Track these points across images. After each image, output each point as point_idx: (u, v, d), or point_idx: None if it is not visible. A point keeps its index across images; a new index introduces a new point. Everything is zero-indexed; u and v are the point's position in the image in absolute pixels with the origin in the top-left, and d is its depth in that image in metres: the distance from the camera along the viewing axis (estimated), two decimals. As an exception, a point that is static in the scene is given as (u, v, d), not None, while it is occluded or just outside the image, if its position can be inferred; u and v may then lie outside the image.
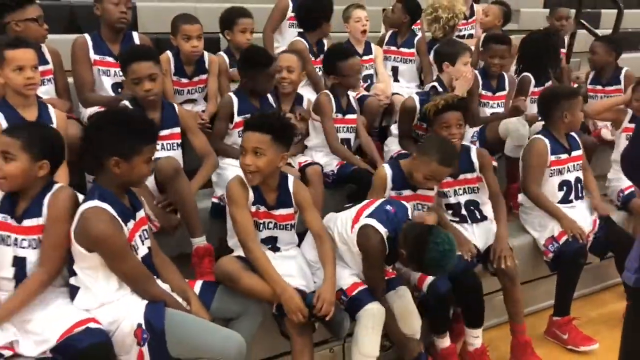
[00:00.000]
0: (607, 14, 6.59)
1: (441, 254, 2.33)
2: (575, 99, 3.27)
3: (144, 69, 2.77)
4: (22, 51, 2.56)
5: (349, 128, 3.49)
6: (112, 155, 2.10)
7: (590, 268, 3.59)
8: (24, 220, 2.15)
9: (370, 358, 2.52)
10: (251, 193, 2.50)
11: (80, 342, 2.03)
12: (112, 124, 2.18)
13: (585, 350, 3.11)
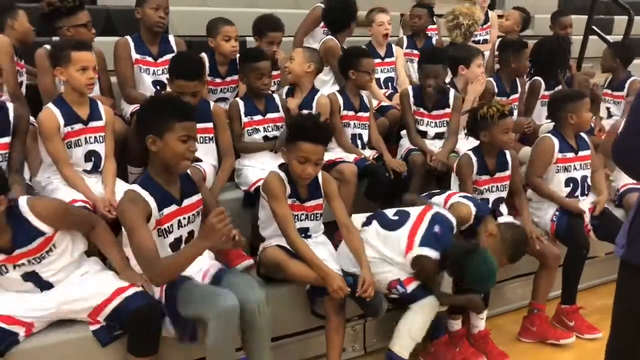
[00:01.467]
0: (619, 20, 6.82)
1: (480, 275, 2.64)
2: (581, 101, 3.52)
3: (190, 87, 3.09)
4: (86, 53, 2.88)
5: (361, 125, 3.76)
6: (149, 133, 2.36)
7: (596, 262, 3.86)
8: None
9: (416, 342, 2.81)
10: (288, 188, 2.78)
11: (131, 304, 2.36)
12: (148, 106, 2.51)
13: (589, 337, 3.37)
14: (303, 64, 3.62)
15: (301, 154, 2.66)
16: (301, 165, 2.68)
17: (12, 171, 2.87)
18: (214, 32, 3.72)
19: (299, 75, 3.64)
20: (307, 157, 2.67)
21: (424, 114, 3.83)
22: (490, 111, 3.22)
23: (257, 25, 4.02)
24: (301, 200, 2.84)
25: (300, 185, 2.81)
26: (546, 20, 5.87)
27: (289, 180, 2.78)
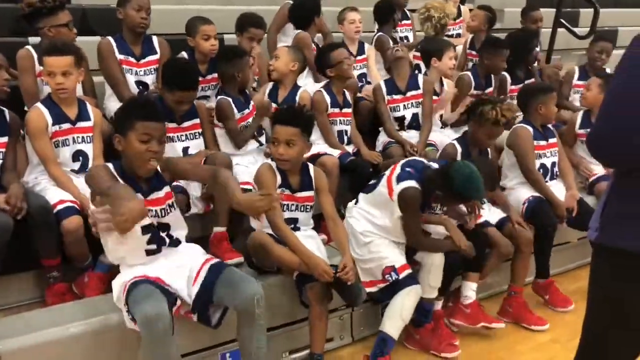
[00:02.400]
0: (585, 13, 7.09)
1: (466, 178, 2.78)
2: (551, 94, 3.76)
3: (189, 97, 3.22)
4: (55, 59, 2.90)
5: (346, 121, 3.90)
6: (115, 132, 2.46)
7: (569, 247, 4.07)
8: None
9: (405, 323, 2.97)
10: (279, 177, 2.90)
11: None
12: (121, 106, 2.61)
13: (562, 310, 3.64)
14: (288, 62, 3.76)
15: (273, 135, 2.84)
16: (274, 147, 2.85)
17: (8, 170, 2.93)
18: (193, 31, 3.79)
19: (284, 74, 3.77)
20: (277, 137, 2.83)
21: (398, 99, 4.02)
22: (489, 113, 3.33)
23: (239, 21, 4.12)
24: (292, 190, 2.95)
25: (292, 175, 2.93)
26: (516, 13, 6.07)
27: (279, 170, 2.91)
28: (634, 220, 1.84)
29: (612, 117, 1.76)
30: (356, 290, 2.87)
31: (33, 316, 2.60)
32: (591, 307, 2.03)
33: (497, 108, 3.32)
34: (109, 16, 4.64)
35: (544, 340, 3.37)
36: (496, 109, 3.32)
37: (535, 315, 3.51)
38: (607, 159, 1.89)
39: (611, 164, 1.95)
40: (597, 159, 1.92)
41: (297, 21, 4.41)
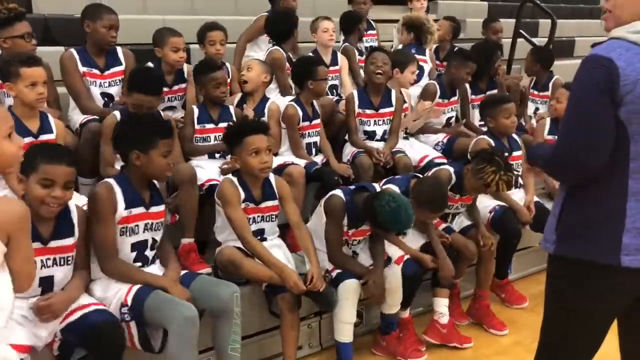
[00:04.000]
0: (544, 23, 7.33)
1: (390, 212, 2.82)
2: (504, 105, 3.87)
3: (147, 102, 3.18)
4: (36, 69, 2.90)
5: (315, 132, 3.96)
6: (133, 149, 2.54)
7: (531, 251, 4.22)
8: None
9: (348, 324, 3.01)
10: (242, 192, 2.94)
11: (90, 319, 2.37)
12: (134, 123, 2.68)
13: (517, 307, 3.87)
14: (261, 74, 3.82)
15: (251, 147, 2.87)
16: (255, 157, 2.88)
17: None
18: (161, 42, 3.81)
19: (257, 85, 3.83)
20: (258, 147, 2.88)
21: (370, 114, 4.08)
22: (487, 177, 3.24)
23: (198, 33, 4.18)
24: (255, 203, 2.99)
25: (253, 187, 2.98)
26: (477, 24, 6.26)
27: (241, 184, 2.95)
28: (587, 229, 1.94)
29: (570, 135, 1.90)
30: (328, 295, 2.93)
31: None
32: (548, 315, 2.13)
33: (497, 176, 3.22)
34: (71, 26, 4.66)
35: (508, 343, 3.50)
36: (496, 176, 3.22)
37: (497, 319, 3.63)
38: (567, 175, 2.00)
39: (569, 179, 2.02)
40: (563, 180, 2.03)
41: (274, 35, 4.44)
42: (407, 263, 3.17)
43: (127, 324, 2.50)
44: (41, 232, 2.40)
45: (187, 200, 3.17)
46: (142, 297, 2.49)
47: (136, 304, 2.49)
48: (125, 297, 2.52)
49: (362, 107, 4.08)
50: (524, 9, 6.34)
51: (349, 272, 3.05)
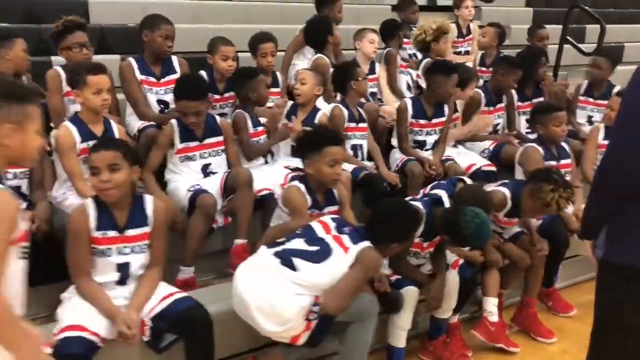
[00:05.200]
0: (591, 29, 7.27)
1: (475, 228, 2.83)
2: (554, 113, 3.89)
3: (192, 107, 3.33)
4: (101, 77, 3.11)
5: (361, 135, 4.05)
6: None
7: (579, 259, 4.20)
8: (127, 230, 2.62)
9: (403, 330, 3.09)
10: (309, 199, 3.06)
11: (178, 306, 2.57)
12: None
13: (564, 316, 3.90)
14: (314, 87, 3.92)
15: (330, 157, 2.97)
16: (332, 168, 2.99)
17: (35, 188, 3.10)
18: (213, 50, 3.98)
19: (310, 99, 3.94)
20: (336, 158, 2.99)
21: (423, 124, 4.15)
22: (546, 195, 3.23)
23: (250, 42, 4.34)
24: (319, 208, 3.10)
25: (318, 192, 3.09)
26: (522, 30, 6.27)
27: (308, 191, 3.05)
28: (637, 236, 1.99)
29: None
30: (396, 295, 3.02)
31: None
32: (596, 320, 2.22)
33: (556, 194, 3.20)
34: (126, 35, 4.91)
35: (555, 351, 3.51)
36: (555, 195, 3.20)
37: (545, 327, 3.65)
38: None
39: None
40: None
41: (312, 43, 4.61)
42: (463, 267, 3.22)
43: None
44: (117, 221, 2.59)
45: (243, 202, 3.29)
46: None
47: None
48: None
49: (416, 117, 4.15)
50: (571, 14, 6.31)
51: (412, 280, 3.08)
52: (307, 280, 2.58)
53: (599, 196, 2.07)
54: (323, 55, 4.51)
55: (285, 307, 2.55)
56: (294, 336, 2.61)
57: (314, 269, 2.61)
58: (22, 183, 3.08)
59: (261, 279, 2.61)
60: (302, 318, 2.56)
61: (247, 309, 2.58)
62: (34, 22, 4.78)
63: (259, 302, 2.56)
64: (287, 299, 2.55)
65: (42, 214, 2.97)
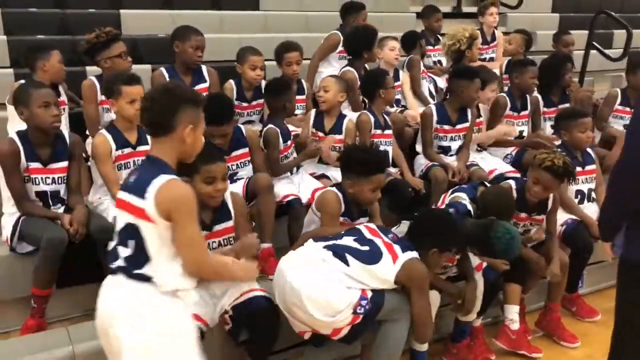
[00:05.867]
0: (619, 34, 7.25)
1: (506, 244, 2.93)
2: (574, 120, 3.95)
3: (220, 131, 3.38)
4: (135, 87, 3.27)
5: (387, 142, 4.15)
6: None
7: (604, 265, 4.23)
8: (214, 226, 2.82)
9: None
10: (343, 207, 3.13)
11: (255, 303, 2.70)
12: None
13: (589, 320, 3.92)
14: (337, 94, 4.01)
15: (376, 185, 3.07)
16: (373, 194, 3.08)
17: (72, 192, 3.27)
18: (242, 60, 4.13)
19: (334, 105, 4.04)
20: (380, 185, 3.09)
21: (448, 129, 4.26)
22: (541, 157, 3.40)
23: (275, 52, 4.46)
24: (352, 219, 3.19)
25: (353, 206, 3.16)
26: (547, 36, 6.31)
27: (344, 200, 3.13)
28: None
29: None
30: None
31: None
32: (617, 320, 2.32)
33: (553, 155, 3.38)
34: (156, 45, 5.10)
35: (579, 356, 3.55)
36: (552, 155, 3.37)
37: (568, 332, 3.70)
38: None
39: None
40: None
41: (351, 49, 4.65)
42: (486, 270, 3.28)
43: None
44: (204, 219, 2.77)
45: (265, 206, 3.40)
46: None
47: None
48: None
49: (441, 122, 4.25)
50: (597, 20, 6.33)
51: (442, 291, 3.14)
52: (357, 279, 2.69)
53: (617, 197, 2.15)
54: (352, 69, 4.57)
55: (337, 299, 2.63)
56: (337, 329, 2.68)
57: (365, 269, 2.69)
58: (60, 188, 3.26)
59: (309, 270, 2.69)
60: (350, 311, 2.66)
61: (299, 298, 2.63)
62: (68, 34, 5.01)
63: (309, 292, 2.63)
64: (339, 292, 2.64)
65: (80, 218, 3.14)
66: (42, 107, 3.07)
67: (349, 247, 2.76)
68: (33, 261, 3.06)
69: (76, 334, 2.74)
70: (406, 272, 2.72)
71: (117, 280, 2.15)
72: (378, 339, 2.84)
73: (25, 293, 3.10)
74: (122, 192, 2.15)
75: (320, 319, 2.64)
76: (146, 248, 2.09)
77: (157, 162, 2.13)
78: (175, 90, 2.21)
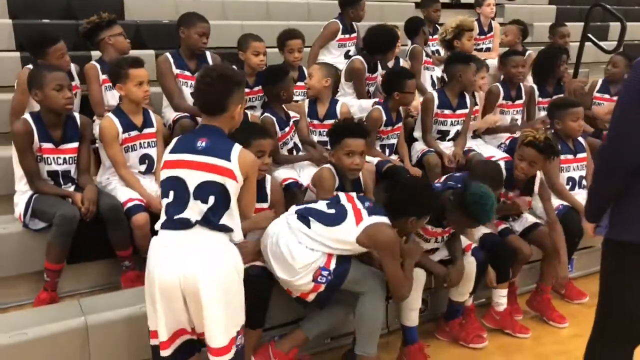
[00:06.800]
0: (615, 27, 7.38)
1: (480, 198, 3.04)
2: (566, 109, 4.11)
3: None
4: (142, 70, 3.41)
5: (395, 135, 4.34)
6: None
7: (593, 250, 4.42)
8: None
9: (414, 310, 3.32)
10: (337, 181, 3.34)
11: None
12: None
13: (578, 302, 4.10)
14: (321, 79, 4.15)
15: (347, 149, 3.26)
16: (349, 158, 3.27)
17: (82, 172, 3.43)
18: (244, 46, 4.27)
19: (319, 91, 4.18)
20: (353, 150, 3.26)
21: (448, 114, 4.44)
22: (523, 135, 3.67)
23: (278, 38, 4.61)
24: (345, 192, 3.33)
25: (346, 180, 3.37)
26: (544, 27, 6.46)
27: (338, 174, 3.34)
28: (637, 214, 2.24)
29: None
30: None
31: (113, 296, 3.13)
32: (600, 298, 2.52)
33: (533, 132, 3.61)
34: (159, 31, 5.23)
35: (567, 335, 3.74)
36: (532, 133, 3.60)
37: (557, 313, 3.88)
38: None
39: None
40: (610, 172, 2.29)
41: (371, 47, 4.71)
42: (475, 250, 3.46)
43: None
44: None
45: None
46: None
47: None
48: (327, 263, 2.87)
49: (442, 107, 4.43)
50: (593, 12, 6.47)
51: (425, 269, 3.27)
52: (318, 240, 2.86)
53: (603, 180, 2.31)
54: (360, 57, 4.68)
55: (297, 259, 2.83)
56: (304, 293, 2.91)
57: (325, 230, 2.87)
58: (71, 168, 3.41)
59: (280, 230, 2.92)
60: (310, 276, 2.85)
61: (267, 257, 2.92)
62: (73, 18, 5.13)
63: (274, 249, 2.88)
64: (299, 251, 2.84)
65: (91, 196, 3.29)
66: (55, 90, 3.21)
67: (315, 210, 2.97)
68: (45, 237, 3.21)
69: (88, 306, 2.91)
70: (370, 235, 2.84)
71: (194, 235, 2.42)
72: (357, 317, 3.02)
73: (37, 268, 3.27)
74: (192, 154, 2.44)
75: (282, 277, 2.88)
76: (228, 202, 2.45)
77: (221, 132, 2.51)
78: (228, 74, 2.51)
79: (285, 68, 4.25)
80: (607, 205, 2.36)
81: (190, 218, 2.41)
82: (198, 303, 2.37)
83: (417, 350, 3.31)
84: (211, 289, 2.35)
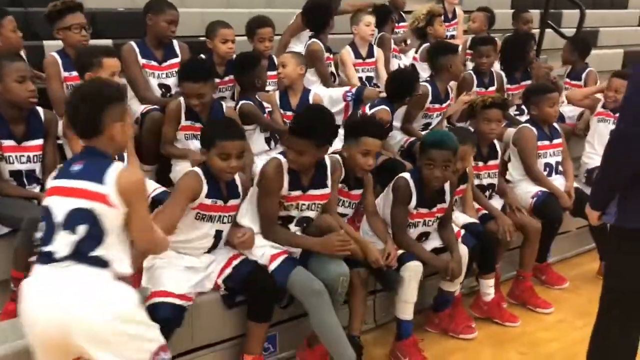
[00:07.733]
0: (568, 14, 7.60)
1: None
2: (543, 95, 4.12)
3: (194, 89, 3.41)
4: (116, 60, 3.21)
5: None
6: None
7: (569, 235, 4.49)
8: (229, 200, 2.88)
9: (410, 304, 3.26)
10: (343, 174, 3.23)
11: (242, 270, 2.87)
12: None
13: (558, 288, 4.15)
14: (296, 67, 4.05)
15: (366, 148, 3.14)
16: (364, 158, 3.16)
17: (48, 172, 3.15)
18: (212, 34, 4.08)
19: (294, 79, 4.07)
20: (369, 150, 3.15)
21: (438, 107, 4.39)
22: (475, 102, 3.85)
23: (247, 26, 4.45)
24: (349, 188, 3.30)
25: (350, 176, 3.27)
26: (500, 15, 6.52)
27: (345, 169, 3.23)
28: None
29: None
30: (395, 275, 3.20)
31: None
32: (606, 286, 2.48)
33: (482, 97, 3.85)
34: (115, 20, 4.96)
35: (552, 321, 3.77)
36: (482, 97, 3.85)
37: (541, 299, 3.90)
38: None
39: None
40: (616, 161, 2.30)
41: (311, 24, 4.70)
42: (464, 237, 3.43)
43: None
44: (223, 193, 2.86)
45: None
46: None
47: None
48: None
49: (434, 102, 4.37)
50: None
51: (414, 254, 3.26)
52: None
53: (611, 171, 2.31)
54: (317, 40, 4.63)
55: None
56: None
57: None
58: (36, 167, 3.17)
59: None
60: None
61: None
62: (20, 5, 4.79)
63: None
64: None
65: None
66: (17, 82, 2.96)
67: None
68: (10, 243, 2.96)
69: None
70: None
71: (64, 272, 2.03)
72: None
73: (1, 277, 3.02)
74: (64, 179, 2.10)
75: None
76: (102, 232, 2.05)
77: (99, 153, 2.13)
78: (95, 92, 2.16)
79: (257, 54, 4.10)
80: (614, 195, 2.37)
81: (55, 251, 2.04)
82: (84, 353, 2.02)
83: (411, 345, 3.26)
84: (90, 343, 1.98)
